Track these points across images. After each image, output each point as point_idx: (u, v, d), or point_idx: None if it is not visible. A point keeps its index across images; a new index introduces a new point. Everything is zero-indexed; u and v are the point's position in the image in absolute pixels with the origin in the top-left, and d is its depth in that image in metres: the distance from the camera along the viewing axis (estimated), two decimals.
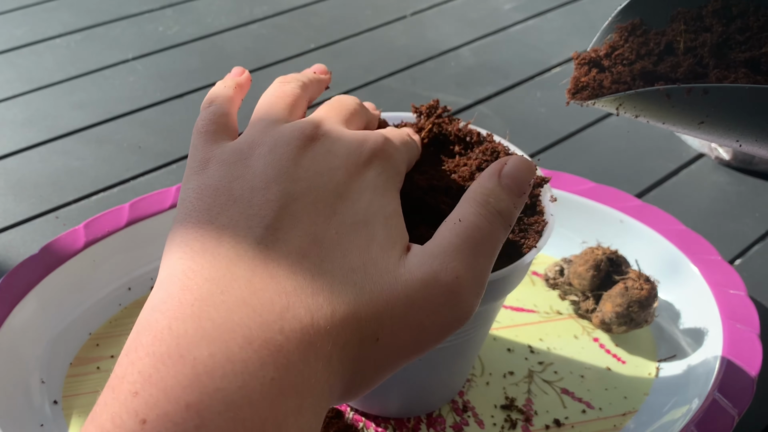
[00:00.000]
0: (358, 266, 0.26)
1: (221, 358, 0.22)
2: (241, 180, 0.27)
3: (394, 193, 0.30)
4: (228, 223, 0.26)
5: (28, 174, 0.65)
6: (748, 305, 0.47)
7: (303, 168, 0.28)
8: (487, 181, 0.29)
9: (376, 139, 0.30)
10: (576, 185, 0.56)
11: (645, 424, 0.44)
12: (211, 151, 0.29)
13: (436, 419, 0.44)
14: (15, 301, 0.45)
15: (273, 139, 0.29)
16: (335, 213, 0.27)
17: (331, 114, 0.32)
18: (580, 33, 0.92)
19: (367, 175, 0.29)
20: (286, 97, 0.33)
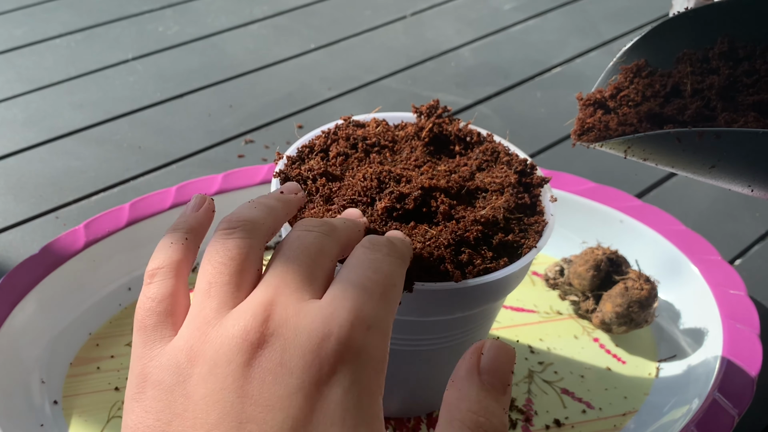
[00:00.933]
0: None
1: None
2: (180, 422, 0.23)
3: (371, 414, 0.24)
4: None
5: (28, 174, 0.65)
6: (748, 305, 0.47)
7: (251, 401, 0.22)
8: (467, 387, 0.24)
9: (341, 327, 0.24)
10: (576, 185, 0.56)
11: (645, 424, 0.44)
12: (148, 362, 0.25)
13: (436, 419, 0.44)
14: (15, 301, 0.45)
15: (212, 351, 0.24)
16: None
17: (287, 279, 0.26)
18: (580, 33, 0.92)
19: (332, 396, 0.23)
20: (231, 261, 0.26)
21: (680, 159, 0.30)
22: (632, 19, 0.95)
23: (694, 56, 0.33)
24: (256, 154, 0.68)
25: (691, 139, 0.28)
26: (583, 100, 0.34)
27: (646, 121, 0.32)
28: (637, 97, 0.33)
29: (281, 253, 0.27)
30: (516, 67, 0.84)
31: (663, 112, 0.32)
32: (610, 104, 0.33)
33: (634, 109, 0.32)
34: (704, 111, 0.31)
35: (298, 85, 0.79)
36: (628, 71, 0.34)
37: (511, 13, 0.96)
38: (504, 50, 0.88)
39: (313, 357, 0.23)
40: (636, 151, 0.31)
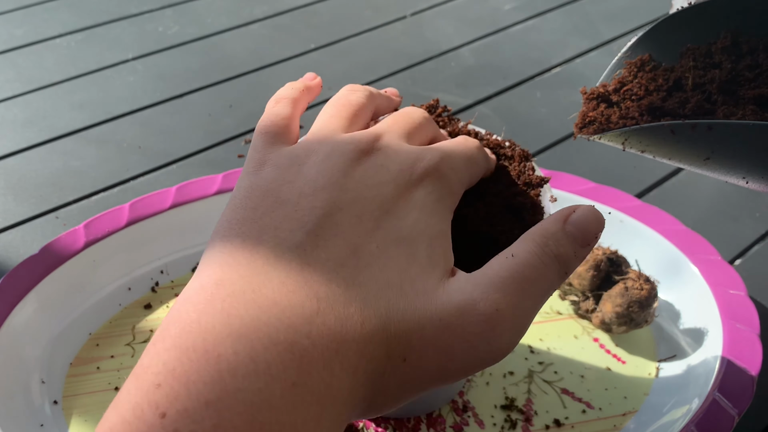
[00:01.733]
0: (394, 283, 0.25)
1: (245, 357, 0.22)
2: (290, 184, 0.27)
3: (443, 214, 0.29)
4: (270, 224, 0.26)
5: (28, 174, 0.65)
6: (748, 305, 0.47)
7: (353, 179, 0.28)
8: (550, 224, 0.28)
9: (431, 157, 0.30)
10: (576, 185, 0.56)
11: (645, 424, 0.44)
12: (269, 154, 0.29)
13: (436, 419, 0.44)
14: (15, 301, 0.45)
15: (329, 148, 0.29)
16: (379, 227, 0.27)
17: (394, 128, 0.31)
18: (580, 33, 0.92)
19: (417, 193, 0.28)
20: (350, 106, 0.32)
21: (676, 151, 0.30)
22: (632, 19, 0.95)
23: (697, 51, 0.33)
24: None
25: (685, 131, 0.29)
26: (587, 94, 0.34)
27: (648, 114, 0.32)
28: (640, 92, 0.33)
29: (391, 116, 0.33)
30: (516, 67, 0.84)
31: (664, 105, 0.32)
32: (613, 98, 0.34)
33: (636, 103, 0.33)
34: (705, 104, 0.31)
35: None
36: (632, 66, 0.34)
37: (511, 13, 0.96)
38: (504, 50, 0.88)
39: (407, 167, 0.29)
40: (633, 143, 0.31)
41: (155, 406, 0.21)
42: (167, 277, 0.52)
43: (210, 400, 0.21)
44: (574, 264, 0.28)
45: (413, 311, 0.25)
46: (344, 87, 0.34)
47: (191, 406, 0.20)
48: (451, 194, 0.30)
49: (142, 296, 0.51)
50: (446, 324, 0.25)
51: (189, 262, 0.53)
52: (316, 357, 0.23)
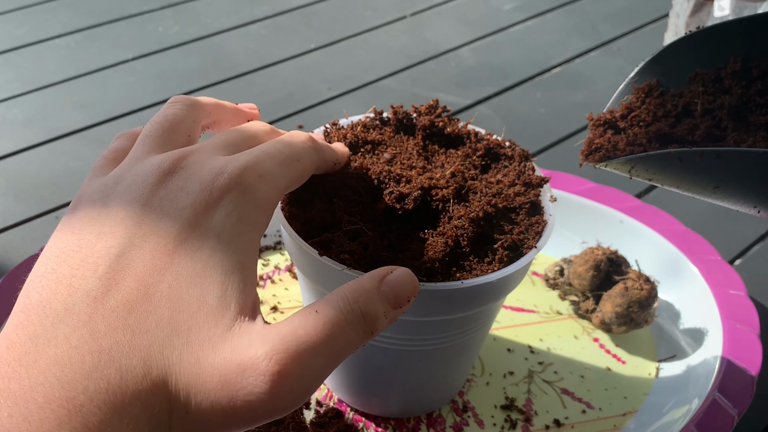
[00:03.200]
0: (182, 330, 0.25)
1: (19, 418, 0.22)
2: (93, 222, 0.27)
3: (245, 237, 0.27)
4: (68, 272, 0.26)
5: (28, 174, 0.65)
6: (748, 305, 0.47)
7: (151, 209, 0.27)
8: (366, 281, 0.27)
9: (233, 168, 0.28)
10: (576, 185, 0.56)
11: (645, 424, 0.44)
12: (87, 188, 0.29)
13: (436, 419, 0.44)
14: (15, 302, 0.45)
15: (134, 174, 0.28)
16: (172, 263, 0.26)
17: (212, 142, 0.31)
18: (580, 33, 0.92)
19: (216, 215, 0.27)
20: (165, 122, 0.31)
21: (683, 179, 0.29)
22: (632, 19, 0.95)
23: (706, 76, 0.32)
24: None
25: (692, 159, 0.28)
26: (594, 120, 0.34)
27: (656, 141, 0.31)
28: (648, 118, 0.32)
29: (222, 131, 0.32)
30: (516, 67, 0.84)
31: (673, 132, 0.31)
32: (620, 125, 0.33)
33: (644, 130, 0.32)
34: (714, 131, 0.31)
35: (298, 85, 0.79)
36: (639, 91, 0.33)
37: (511, 13, 0.96)
38: (504, 50, 0.88)
39: (207, 185, 0.27)
40: (639, 171, 0.30)
41: None
42: None
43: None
44: (382, 325, 0.27)
45: (196, 364, 0.24)
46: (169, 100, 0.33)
47: None
48: (257, 208, 0.28)
49: None
50: (226, 381, 0.24)
51: None
52: (93, 411, 0.23)
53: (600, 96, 0.79)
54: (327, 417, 0.43)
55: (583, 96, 0.79)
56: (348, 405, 0.45)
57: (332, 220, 0.35)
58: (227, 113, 0.35)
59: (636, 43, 0.90)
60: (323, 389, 0.45)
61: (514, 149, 0.40)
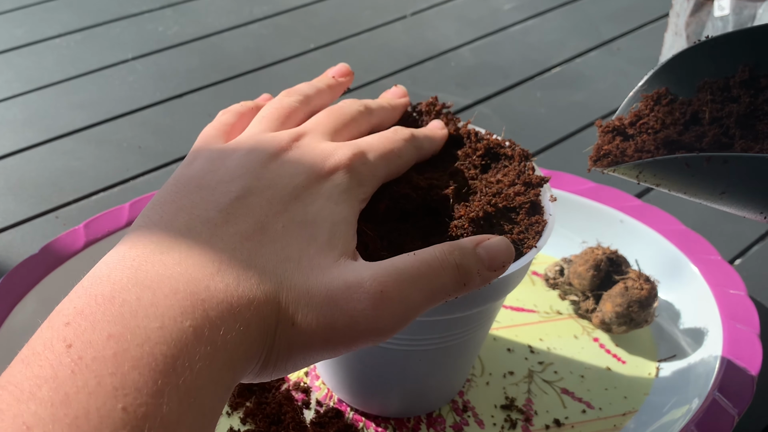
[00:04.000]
0: (294, 258, 0.28)
1: (146, 302, 0.24)
2: (213, 173, 0.30)
3: (349, 203, 0.31)
4: (187, 204, 0.29)
5: (28, 174, 0.65)
6: (748, 305, 0.47)
7: (269, 170, 0.30)
8: (464, 241, 0.30)
9: (342, 154, 0.32)
10: (576, 185, 0.56)
11: (645, 424, 0.44)
12: (202, 150, 0.32)
13: (436, 419, 0.44)
14: (15, 301, 0.45)
15: (252, 144, 0.32)
16: (286, 210, 0.29)
17: (318, 127, 0.34)
18: (580, 33, 0.92)
19: (326, 184, 0.31)
20: (282, 110, 0.35)
21: (690, 185, 0.30)
22: (632, 19, 0.95)
23: (715, 84, 0.33)
24: None
25: (700, 164, 0.28)
26: (603, 126, 0.34)
27: (664, 147, 0.32)
28: (657, 125, 0.33)
29: (323, 111, 0.36)
30: (516, 67, 0.84)
31: (681, 139, 0.32)
32: (629, 131, 0.33)
33: (653, 136, 0.32)
34: (722, 138, 0.31)
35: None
36: (648, 99, 0.34)
37: (511, 13, 0.96)
38: (504, 50, 0.88)
39: (319, 161, 0.31)
40: (647, 176, 0.31)
41: (63, 339, 0.24)
42: None
43: (112, 333, 0.23)
44: (476, 281, 0.30)
45: (305, 282, 0.27)
46: (282, 91, 0.37)
47: (95, 339, 0.23)
48: (359, 185, 0.32)
49: None
50: (332, 297, 0.27)
51: None
52: (212, 306, 0.25)
53: (600, 96, 0.79)
54: (327, 417, 0.43)
55: (583, 96, 0.79)
56: (348, 405, 0.45)
57: None
58: (328, 97, 0.39)
59: (636, 43, 0.90)
60: (323, 389, 0.45)
61: (514, 149, 0.40)
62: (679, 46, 0.65)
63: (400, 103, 0.41)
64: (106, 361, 0.22)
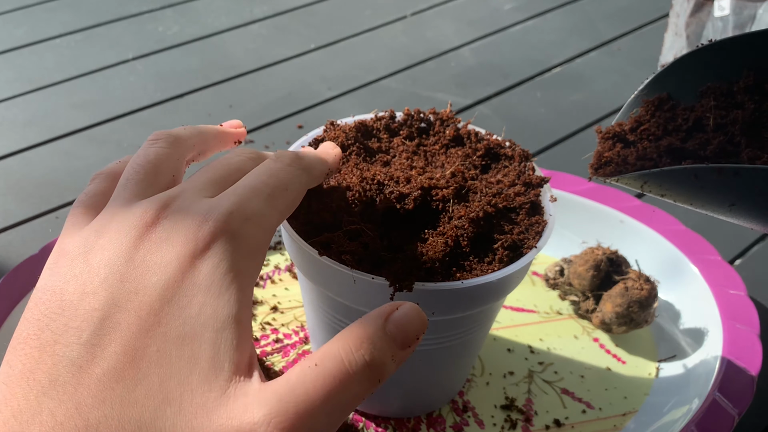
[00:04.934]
0: (174, 398, 0.23)
1: None
2: (75, 279, 0.26)
3: (235, 287, 0.25)
4: (50, 338, 0.24)
5: (28, 174, 0.65)
6: (748, 305, 0.47)
7: (134, 264, 0.26)
8: (369, 322, 0.26)
9: (219, 214, 0.27)
10: (576, 185, 0.56)
11: (645, 424, 0.44)
12: (67, 240, 0.28)
13: (436, 419, 0.44)
14: (15, 301, 0.45)
15: (116, 226, 0.27)
16: (159, 323, 0.24)
17: (197, 180, 0.29)
18: (580, 33, 0.92)
19: (203, 267, 0.25)
20: (148, 164, 0.30)
21: (698, 196, 0.29)
22: (632, 19, 0.95)
23: (718, 90, 0.32)
24: None
25: (709, 175, 0.27)
26: (602, 133, 0.33)
27: (666, 155, 0.31)
28: (658, 131, 0.32)
29: (203, 167, 0.31)
30: (516, 67, 0.84)
31: (684, 146, 0.31)
32: (630, 138, 0.32)
33: (654, 144, 0.31)
34: (727, 146, 0.30)
35: (298, 85, 0.79)
36: (649, 104, 0.33)
37: (511, 13, 0.96)
38: (504, 50, 0.88)
39: (192, 235, 0.26)
40: (653, 186, 0.30)
41: None
42: None
43: None
44: (390, 371, 0.25)
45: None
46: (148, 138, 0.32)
47: None
48: (247, 255, 0.26)
49: None
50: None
51: None
52: None
53: (600, 96, 0.79)
54: None
55: (583, 96, 0.79)
56: None
57: (332, 220, 0.35)
58: (212, 141, 0.34)
59: (636, 43, 0.90)
60: None
61: (514, 149, 0.40)
62: (679, 46, 0.65)
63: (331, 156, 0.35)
64: None
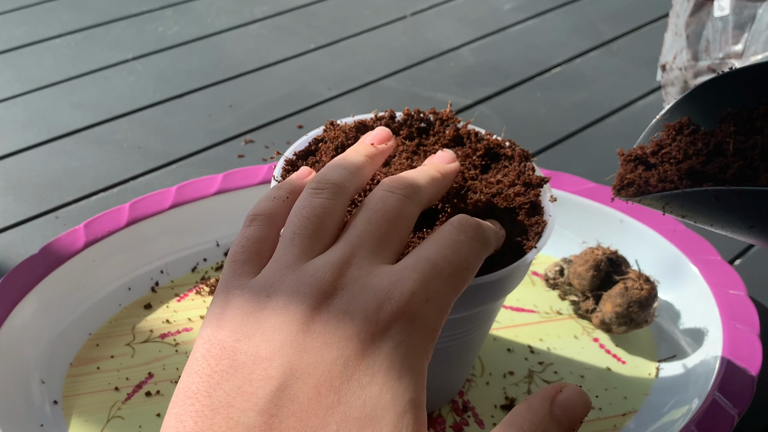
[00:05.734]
0: None
1: None
2: (247, 342, 0.25)
3: (416, 371, 0.25)
4: (223, 401, 0.24)
5: (28, 174, 0.65)
6: (748, 305, 0.47)
7: (312, 336, 0.25)
8: (537, 405, 0.25)
9: (402, 294, 0.26)
10: (576, 185, 0.56)
11: (645, 424, 0.44)
12: (233, 290, 0.27)
13: (436, 419, 0.44)
14: (15, 301, 0.45)
15: (290, 288, 0.26)
16: (339, 402, 0.24)
17: (365, 243, 0.28)
18: (580, 33, 0.92)
19: (383, 347, 0.25)
20: (315, 217, 0.29)
21: (718, 217, 0.30)
22: (632, 19, 0.95)
23: (738, 116, 0.33)
24: (256, 154, 0.68)
25: (729, 197, 0.28)
26: (624, 155, 0.34)
27: (687, 178, 0.32)
28: (679, 155, 0.33)
29: (362, 212, 0.29)
30: (516, 67, 0.84)
31: (704, 170, 0.32)
32: (651, 161, 0.33)
33: (676, 166, 0.32)
34: (746, 171, 0.31)
35: (298, 85, 0.79)
36: (670, 129, 0.34)
37: (511, 13, 0.96)
38: (504, 50, 0.88)
39: (373, 312, 0.25)
40: (674, 207, 0.31)
41: None
42: (167, 277, 0.52)
43: None
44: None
45: None
46: (308, 185, 0.31)
47: None
48: (426, 336, 0.26)
49: (141, 296, 0.51)
50: None
51: (189, 263, 0.53)
52: None
53: (600, 96, 0.79)
54: None
55: (583, 96, 0.79)
56: None
57: None
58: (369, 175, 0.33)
59: (636, 43, 0.90)
60: None
61: (514, 149, 0.40)
62: (679, 46, 0.65)
63: (451, 170, 0.34)
64: None
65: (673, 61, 0.66)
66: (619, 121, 0.75)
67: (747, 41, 0.59)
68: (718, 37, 0.61)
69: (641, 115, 0.76)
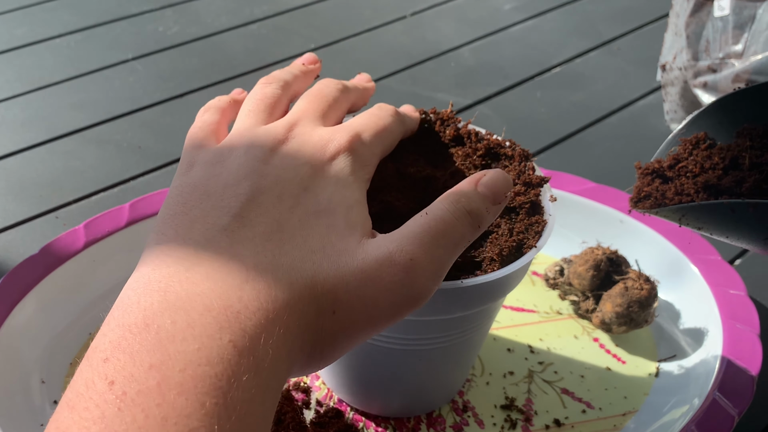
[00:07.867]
0: (317, 248, 0.28)
1: (182, 324, 0.24)
2: (216, 178, 0.30)
3: (357, 185, 0.31)
4: (199, 215, 0.29)
5: (28, 174, 0.65)
6: (748, 305, 0.47)
7: (271, 165, 0.30)
8: (463, 185, 0.31)
9: (342, 137, 0.32)
10: (576, 185, 0.56)
11: (645, 424, 0.44)
12: (197, 155, 0.32)
13: (436, 419, 0.44)
14: (15, 301, 0.45)
15: (248, 142, 0.32)
16: (299, 204, 0.29)
17: (308, 113, 0.34)
18: (580, 33, 0.92)
19: (331, 169, 0.31)
20: (266, 100, 0.35)
21: (734, 230, 0.30)
22: (632, 19, 0.95)
23: (754, 131, 0.33)
24: None
25: (745, 210, 0.29)
26: (642, 169, 0.35)
27: (703, 191, 0.32)
28: (696, 169, 0.33)
29: (305, 96, 0.36)
30: (516, 67, 0.84)
31: (720, 183, 0.32)
32: (668, 174, 0.34)
33: (692, 180, 0.33)
34: (762, 184, 0.31)
35: None
36: (687, 143, 0.35)
37: (511, 13, 0.96)
38: (504, 50, 0.88)
39: (320, 149, 0.32)
40: (690, 220, 0.31)
41: (104, 376, 0.23)
42: None
43: (153, 363, 0.23)
44: (487, 219, 0.31)
45: (336, 269, 0.28)
46: (259, 81, 0.37)
47: (136, 372, 0.23)
48: (363, 166, 0.32)
49: None
50: (367, 276, 0.28)
51: None
52: (248, 316, 0.25)
53: (600, 96, 0.79)
54: (327, 417, 0.43)
55: (583, 96, 0.79)
56: (348, 405, 0.45)
57: None
58: (305, 83, 0.39)
59: (636, 43, 0.90)
60: (323, 389, 0.45)
61: (514, 149, 0.40)
62: (679, 46, 0.65)
63: (370, 86, 0.41)
64: (150, 392, 0.22)
65: (673, 61, 0.66)
66: (619, 121, 0.75)
67: (747, 41, 0.59)
68: (718, 37, 0.61)
69: (641, 115, 0.76)
